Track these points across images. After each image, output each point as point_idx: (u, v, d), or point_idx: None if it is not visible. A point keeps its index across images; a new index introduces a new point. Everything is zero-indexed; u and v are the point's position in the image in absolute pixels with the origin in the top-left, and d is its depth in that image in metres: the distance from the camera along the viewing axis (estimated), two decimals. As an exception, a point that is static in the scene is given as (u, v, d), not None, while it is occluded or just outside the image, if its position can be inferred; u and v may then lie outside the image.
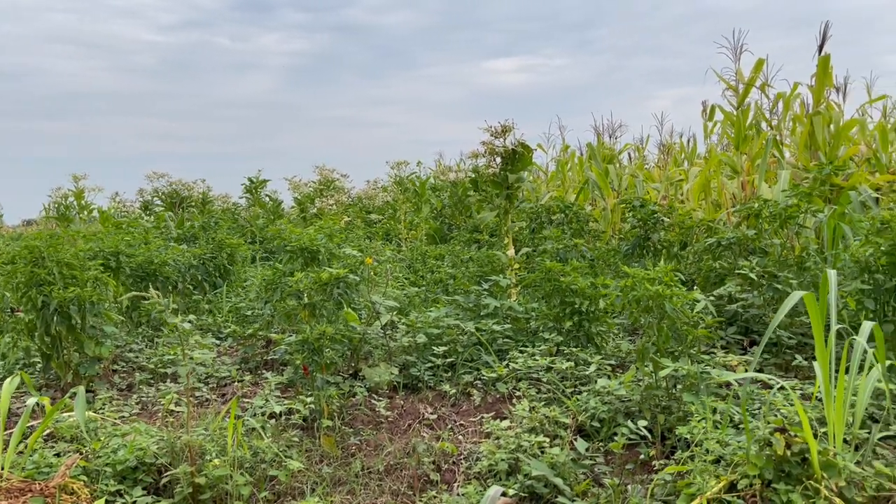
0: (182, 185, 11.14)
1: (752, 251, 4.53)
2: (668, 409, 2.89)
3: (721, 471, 2.14)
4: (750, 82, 6.73)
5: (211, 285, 5.84)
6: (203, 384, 3.67)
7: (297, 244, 4.04)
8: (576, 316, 3.84)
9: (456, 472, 2.71)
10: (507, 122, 5.05)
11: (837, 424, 2.08)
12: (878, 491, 2.01)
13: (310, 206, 10.62)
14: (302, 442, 2.85)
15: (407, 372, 3.79)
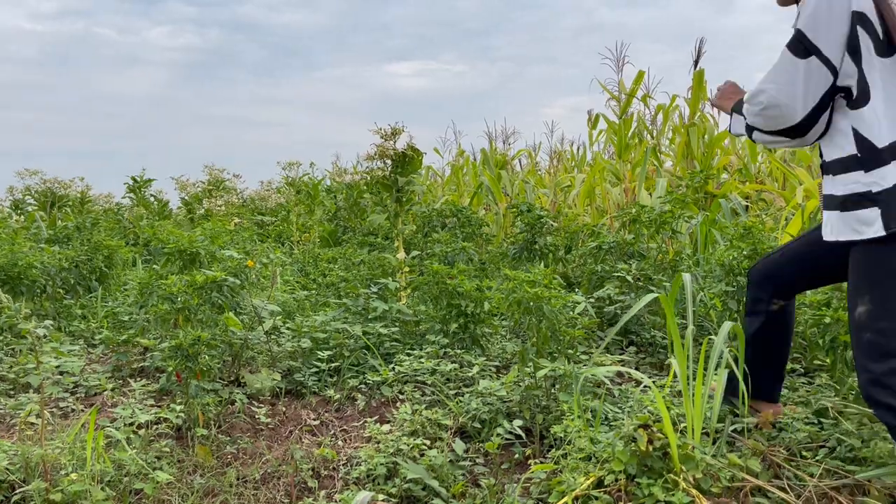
0: (58, 184, 10.48)
1: (630, 255, 4.73)
2: (547, 408, 2.96)
3: (591, 467, 2.21)
4: (631, 93, 7.03)
5: (85, 289, 5.52)
6: (69, 394, 3.46)
7: (175, 246, 3.88)
8: (461, 318, 3.88)
9: (335, 478, 2.67)
10: (397, 125, 5.04)
11: (696, 419, 2.20)
12: (732, 481, 2.13)
13: (198, 207, 10.25)
14: (173, 452, 2.73)
15: (291, 377, 3.71)
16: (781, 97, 2.01)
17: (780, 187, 7.24)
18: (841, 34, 1.96)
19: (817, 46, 1.96)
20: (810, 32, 1.97)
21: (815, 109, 1.99)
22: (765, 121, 2.08)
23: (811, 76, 1.97)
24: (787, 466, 2.27)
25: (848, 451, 2.35)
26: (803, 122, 2.00)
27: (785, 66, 2.01)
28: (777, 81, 2.02)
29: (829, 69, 1.97)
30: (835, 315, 2.81)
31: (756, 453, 2.30)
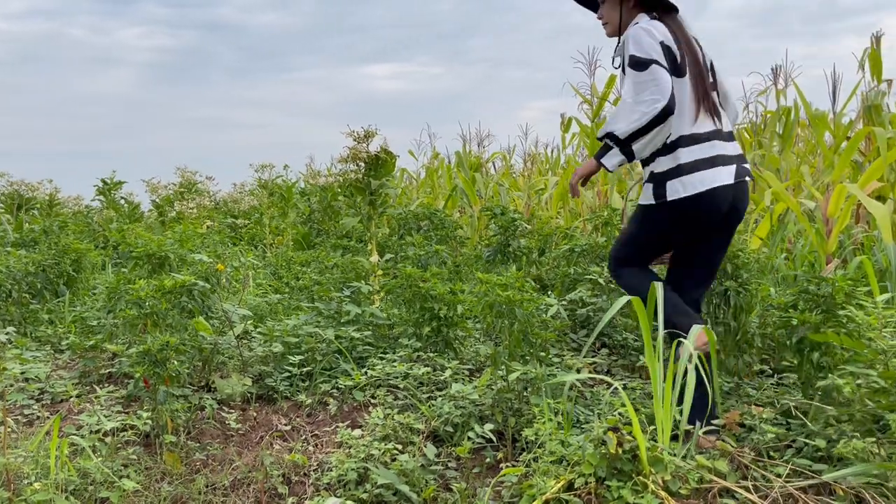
0: (25, 186, 10.31)
1: (603, 257, 4.75)
2: (519, 411, 2.96)
3: (562, 471, 2.21)
4: (603, 97, 7.08)
5: (53, 294, 5.42)
6: (35, 401, 3.40)
7: (144, 250, 3.82)
8: (434, 321, 3.87)
9: (306, 483, 2.65)
10: (370, 128, 5.02)
11: (665, 421, 2.21)
12: (701, 483, 2.15)
13: (169, 210, 10.12)
14: (141, 460, 2.69)
15: (262, 382, 3.68)
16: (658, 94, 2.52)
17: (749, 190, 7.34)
18: (659, 54, 2.57)
19: (652, 57, 2.55)
20: (642, 53, 2.57)
21: (672, 97, 2.54)
22: (653, 115, 2.53)
23: (660, 73, 2.53)
24: (755, 467, 2.30)
25: (814, 452, 2.38)
26: (671, 102, 2.53)
27: (642, 80, 2.55)
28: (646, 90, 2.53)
29: (664, 69, 2.55)
30: (801, 317, 2.85)
31: (724, 454, 2.32)
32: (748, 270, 3.44)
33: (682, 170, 2.63)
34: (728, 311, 3.43)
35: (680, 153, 2.64)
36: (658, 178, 2.68)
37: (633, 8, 2.79)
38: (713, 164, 2.66)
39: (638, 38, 2.60)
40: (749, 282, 3.42)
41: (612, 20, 2.86)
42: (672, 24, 2.73)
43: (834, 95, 6.79)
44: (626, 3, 2.81)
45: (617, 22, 2.84)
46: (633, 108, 2.56)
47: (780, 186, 4.80)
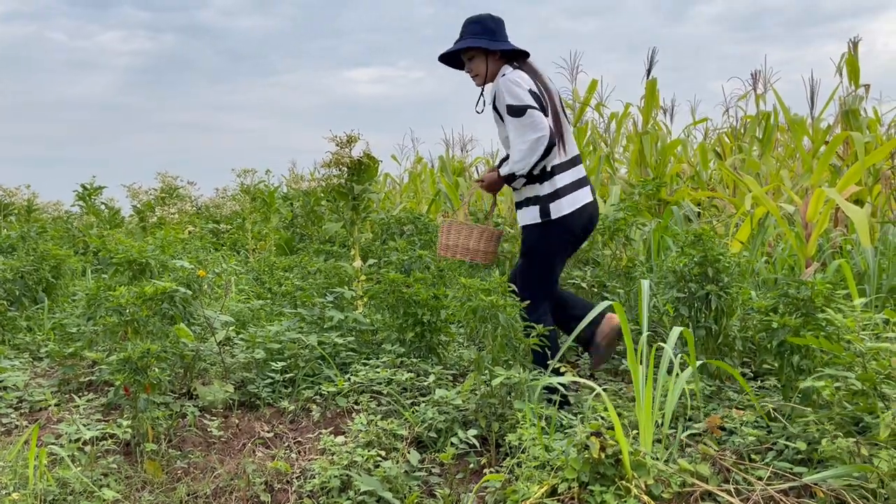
0: (3, 192, 10.19)
1: (585, 262, 4.77)
2: (503, 416, 2.96)
3: (545, 476, 2.22)
4: (585, 102, 7.11)
5: (31, 300, 5.35)
6: (13, 410, 3.35)
7: (124, 256, 3.78)
8: (418, 326, 3.86)
9: (288, 491, 2.63)
10: (352, 133, 5.01)
11: (647, 425, 2.22)
12: (683, 487, 2.16)
13: (150, 215, 10.04)
14: (121, 469, 2.66)
15: (244, 389, 3.65)
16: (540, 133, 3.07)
17: (730, 194, 7.41)
18: (530, 99, 3.10)
19: (526, 103, 3.09)
20: (517, 101, 3.10)
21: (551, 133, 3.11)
22: (544, 153, 3.09)
23: (537, 115, 3.08)
24: (737, 470, 2.31)
25: (795, 454, 2.40)
26: (552, 138, 3.10)
27: (524, 123, 3.09)
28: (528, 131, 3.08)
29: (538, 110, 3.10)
30: (781, 321, 2.87)
31: (706, 458, 2.34)
32: (729, 274, 3.47)
33: (559, 193, 3.22)
34: (709, 314, 3.46)
35: (556, 179, 3.22)
36: (542, 200, 3.23)
37: (498, 60, 3.32)
38: (580, 186, 3.32)
39: (510, 89, 3.12)
40: (730, 285, 3.44)
41: (480, 72, 3.35)
42: (529, 69, 3.28)
43: (812, 100, 6.88)
44: (491, 57, 3.32)
45: (484, 73, 3.34)
46: (526, 150, 3.09)
47: (759, 190, 4.84)
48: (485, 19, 3.35)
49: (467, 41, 3.31)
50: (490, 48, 3.29)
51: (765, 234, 5.20)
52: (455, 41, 3.39)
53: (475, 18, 3.36)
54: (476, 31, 3.31)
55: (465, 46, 3.32)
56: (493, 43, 3.29)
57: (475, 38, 3.30)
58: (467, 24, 3.36)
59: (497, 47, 3.29)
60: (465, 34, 3.35)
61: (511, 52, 3.32)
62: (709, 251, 3.48)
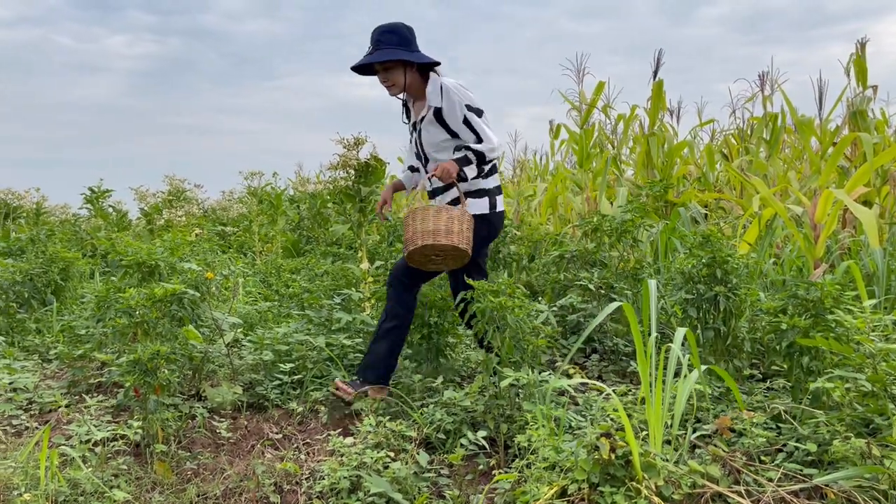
0: (11, 195, 10.24)
1: (592, 263, 4.77)
2: (511, 418, 2.96)
3: (555, 477, 2.22)
4: (592, 104, 7.11)
5: (40, 303, 5.37)
6: (23, 411, 3.36)
7: (133, 258, 3.80)
8: (425, 328, 3.86)
9: (298, 492, 2.63)
10: (359, 135, 5.03)
11: (657, 426, 2.22)
12: (693, 488, 2.16)
13: (158, 218, 10.06)
14: (131, 470, 2.67)
15: (253, 391, 3.66)
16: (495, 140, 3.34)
17: (737, 196, 7.39)
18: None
19: (480, 107, 3.33)
20: (475, 102, 3.31)
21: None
22: (500, 150, 3.37)
23: (488, 120, 3.34)
24: (747, 471, 2.31)
25: (805, 456, 2.39)
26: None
27: (486, 122, 3.32)
28: (489, 129, 3.31)
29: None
30: (791, 322, 2.86)
31: (716, 459, 2.33)
32: (737, 275, 3.46)
33: (499, 190, 3.50)
34: (717, 315, 3.45)
35: (496, 177, 3.49)
36: (490, 193, 3.43)
37: (415, 71, 3.35)
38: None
39: (463, 92, 3.28)
40: (738, 287, 3.44)
41: (398, 83, 3.36)
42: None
43: (820, 101, 6.86)
44: (409, 68, 3.34)
45: (402, 84, 3.36)
46: (494, 140, 3.31)
47: (767, 192, 4.83)
48: (400, 29, 3.33)
49: (388, 52, 3.28)
50: (412, 60, 3.30)
51: (773, 236, 5.18)
52: (369, 49, 3.34)
53: (390, 27, 3.32)
54: (393, 41, 3.29)
55: (388, 59, 3.29)
56: (415, 55, 3.31)
57: (394, 48, 3.28)
58: (382, 32, 3.32)
59: (419, 59, 3.31)
60: (380, 43, 3.31)
61: (429, 63, 3.36)
62: (717, 252, 3.48)
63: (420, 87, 3.39)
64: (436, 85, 3.32)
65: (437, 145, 3.41)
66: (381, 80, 3.40)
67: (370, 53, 3.32)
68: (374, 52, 3.31)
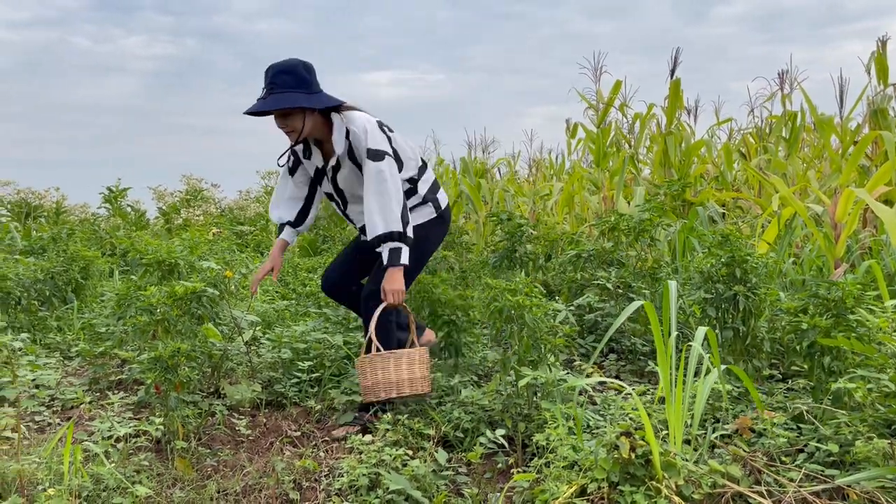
0: (32, 194, 10.37)
1: (610, 263, 4.75)
2: (529, 416, 2.96)
3: (574, 476, 2.21)
4: (609, 102, 7.09)
5: (61, 301, 5.43)
6: (45, 408, 3.41)
7: (153, 257, 3.83)
8: (444, 327, 3.87)
9: (317, 489, 2.65)
10: (377, 135, 5.04)
11: (677, 426, 2.21)
12: (714, 488, 2.15)
13: (175, 217, 10.15)
14: (153, 466, 2.69)
15: (271, 388, 3.69)
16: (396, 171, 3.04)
17: (755, 195, 7.34)
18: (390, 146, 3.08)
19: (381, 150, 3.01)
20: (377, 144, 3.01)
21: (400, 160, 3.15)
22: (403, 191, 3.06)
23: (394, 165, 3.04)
24: (768, 472, 2.29)
25: (826, 456, 2.38)
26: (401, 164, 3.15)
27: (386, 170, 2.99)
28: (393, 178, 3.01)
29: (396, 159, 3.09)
30: (812, 321, 2.84)
31: (737, 459, 2.32)
32: (757, 275, 3.44)
33: (436, 186, 3.33)
34: (737, 315, 3.43)
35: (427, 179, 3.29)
36: (428, 197, 3.27)
37: (317, 114, 3.07)
38: (439, 187, 3.40)
39: (369, 134, 3.03)
40: (758, 286, 3.41)
41: (296, 128, 3.04)
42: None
43: (841, 99, 6.79)
44: (309, 113, 3.03)
45: (300, 129, 3.05)
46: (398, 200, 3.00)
47: (787, 191, 4.79)
48: (296, 68, 2.99)
49: (284, 98, 2.95)
50: (311, 107, 3.00)
51: (792, 235, 5.14)
52: (263, 91, 3.00)
53: (285, 67, 2.98)
54: (289, 84, 2.96)
55: (284, 107, 2.97)
56: (314, 97, 3.00)
57: (291, 91, 2.96)
58: (276, 73, 2.97)
59: (319, 104, 3.01)
60: (274, 87, 2.96)
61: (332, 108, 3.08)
62: (736, 252, 3.46)
63: (323, 131, 3.12)
64: (341, 132, 3.07)
65: (355, 184, 3.19)
66: (278, 125, 3.08)
67: (264, 97, 2.98)
68: (268, 95, 2.97)
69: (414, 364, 2.99)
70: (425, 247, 3.30)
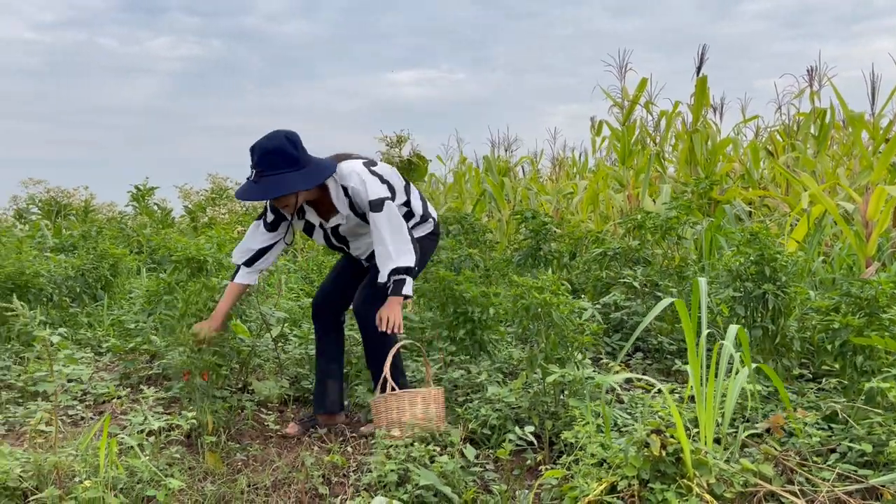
0: (61, 193, 10.53)
1: (636, 261, 4.73)
2: (556, 414, 2.96)
3: (603, 473, 2.21)
4: (634, 100, 7.05)
5: (91, 297, 5.52)
6: (78, 402, 3.46)
7: (183, 254, 3.88)
8: (469, 324, 3.87)
9: (346, 484, 2.67)
10: (402, 133, 5.08)
11: (708, 425, 2.20)
12: (746, 487, 2.13)
13: (201, 216, 10.26)
14: (184, 459, 2.73)
15: (298, 384, 3.72)
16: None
17: (783, 193, 7.25)
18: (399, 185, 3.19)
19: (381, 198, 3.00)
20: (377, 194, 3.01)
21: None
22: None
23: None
24: (800, 471, 2.27)
25: (859, 456, 2.35)
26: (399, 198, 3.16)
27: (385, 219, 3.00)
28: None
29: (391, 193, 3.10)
30: (844, 320, 2.81)
31: (769, 458, 2.30)
32: (786, 273, 3.41)
33: (425, 205, 3.35)
34: (766, 314, 3.40)
35: (417, 201, 3.28)
36: (426, 216, 3.31)
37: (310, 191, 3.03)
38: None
39: (369, 186, 3.01)
40: (787, 285, 3.38)
41: (290, 203, 3.02)
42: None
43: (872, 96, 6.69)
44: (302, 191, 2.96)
45: (295, 202, 3.04)
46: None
47: (817, 189, 4.74)
48: (282, 146, 2.89)
49: (276, 183, 2.87)
50: (304, 189, 2.93)
51: (822, 234, 5.08)
52: (252, 173, 2.92)
53: (270, 148, 2.88)
54: (278, 164, 2.86)
55: (279, 195, 2.91)
56: (307, 176, 2.91)
57: (281, 173, 2.85)
58: (262, 156, 2.87)
59: (315, 183, 2.94)
60: (263, 170, 2.87)
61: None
62: (766, 249, 3.43)
63: (318, 194, 3.07)
64: (339, 192, 3.04)
65: (356, 230, 3.18)
66: (275, 204, 3.08)
67: (255, 181, 2.90)
68: (259, 178, 2.88)
69: (429, 404, 2.93)
70: (423, 259, 3.31)
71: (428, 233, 3.34)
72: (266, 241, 3.22)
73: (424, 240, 3.30)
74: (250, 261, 3.22)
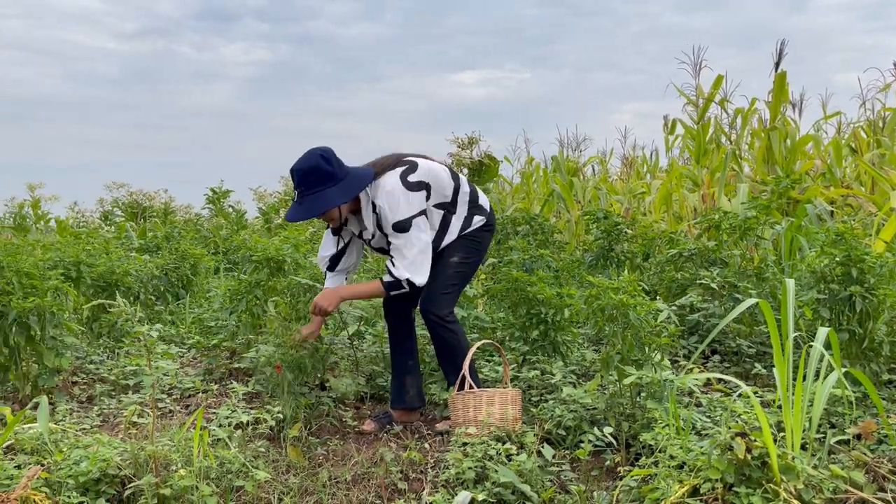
0: (143, 196, 10.99)
1: (712, 262, 4.63)
2: (633, 416, 2.94)
3: (684, 476, 2.19)
4: (709, 98, 6.89)
5: (173, 296, 5.76)
6: (166, 395, 3.63)
7: (263, 254, 4.01)
8: (542, 325, 3.87)
9: (423, 480, 2.72)
10: (473, 134, 5.11)
11: (795, 429, 2.15)
12: (836, 493, 2.07)
13: (274, 217, 10.53)
14: (268, 452, 2.83)
15: (373, 382, 3.79)
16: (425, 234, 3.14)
17: (868, 192, 6.96)
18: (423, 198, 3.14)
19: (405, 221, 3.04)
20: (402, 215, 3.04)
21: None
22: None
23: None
24: (893, 479, 2.19)
25: (957, 466, 2.25)
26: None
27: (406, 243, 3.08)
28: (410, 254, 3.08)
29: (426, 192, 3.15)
30: (939, 324, 2.69)
31: (859, 465, 2.23)
32: (875, 275, 3.28)
33: (475, 195, 3.33)
34: (853, 317, 3.29)
35: (463, 203, 3.28)
36: (471, 210, 3.29)
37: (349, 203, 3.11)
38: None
39: (396, 208, 3.04)
40: (875, 287, 3.26)
41: (334, 216, 3.15)
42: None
43: (966, 90, 6.35)
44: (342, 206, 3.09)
45: (339, 215, 3.15)
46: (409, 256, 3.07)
47: (905, 187, 4.54)
48: (317, 165, 3.01)
49: (316, 201, 3.00)
50: (343, 202, 3.03)
51: (911, 234, 4.86)
52: (295, 195, 3.09)
53: (307, 168, 3.02)
54: (315, 183, 3.00)
55: (320, 213, 3.04)
56: (345, 189, 3.02)
57: (320, 191, 3.00)
58: (301, 177, 3.03)
59: (353, 195, 3.04)
60: (304, 188, 3.02)
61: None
62: (852, 250, 3.31)
63: (355, 206, 3.18)
64: (368, 208, 3.11)
65: (383, 243, 3.21)
66: (319, 217, 3.19)
67: (299, 202, 3.05)
68: (302, 199, 3.04)
69: (506, 404, 2.96)
70: (478, 251, 3.36)
71: (482, 224, 3.34)
72: (336, 247, 3.38)
73: (479, 231, 3.33)
74: (332, 265, 3.39)
